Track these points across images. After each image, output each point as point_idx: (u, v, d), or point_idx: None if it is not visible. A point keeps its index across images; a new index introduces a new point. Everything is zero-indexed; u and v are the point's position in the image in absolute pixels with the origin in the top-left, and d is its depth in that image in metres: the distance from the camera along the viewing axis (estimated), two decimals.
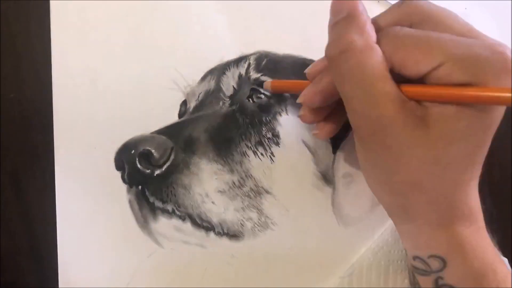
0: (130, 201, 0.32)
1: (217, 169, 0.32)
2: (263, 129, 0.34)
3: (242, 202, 0.33)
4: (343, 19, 0.23)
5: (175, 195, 0.32)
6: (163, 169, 0.32)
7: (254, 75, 0.34)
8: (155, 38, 0.34)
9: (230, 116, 0.34)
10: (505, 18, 0.38)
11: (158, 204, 0.32)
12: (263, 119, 0.34)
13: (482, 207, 0.26)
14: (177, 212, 0.32)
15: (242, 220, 0.33)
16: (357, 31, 0.23)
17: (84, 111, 0.33)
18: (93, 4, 0.34)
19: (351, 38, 0.22)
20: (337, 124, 0.30)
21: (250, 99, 0.34)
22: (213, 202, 0.32)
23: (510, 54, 0.21)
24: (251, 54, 0.35)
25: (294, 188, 0.34)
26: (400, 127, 0.22)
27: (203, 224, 0.32)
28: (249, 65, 0.34)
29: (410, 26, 0.24)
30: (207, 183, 0.32)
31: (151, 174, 0.32)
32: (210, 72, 0.34)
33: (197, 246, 0.33)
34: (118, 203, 0.32)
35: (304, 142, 0.34)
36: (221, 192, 0.32)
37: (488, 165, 0.37)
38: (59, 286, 0.32)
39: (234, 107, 0.34)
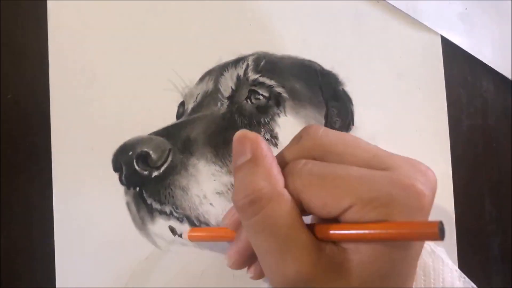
0: (127, 203, 0.32)
1: (215, 170, 0.32)
2: (262, 130, 0.34)
3: None
4: (247, 163, 0.22)
5: (173, 197, 0.32)
6: (161, 170, 0.32)
7: (252, 76, 0.34)
8: (153, 39, 0.34)
9: (228, 118, 0.34)
10: (505, 18, 0.38)
11: (156, 205, 0.32)
12: (262, 120, 0.34)
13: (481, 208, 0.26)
14: (175, 214, 0.32)
15: None
16: (263, 177, 0.21)
17: (82, 112, 0.33)
18: (91, 4, 0.34)
19: (257, 186, 0.21)
20: None
21: (249, 100, 0.34)
22: (211, 204, 0.32)
23: (421, 187, 0.20)
24: (250, 55, 0.35)
25: None
26: (321, 282, 0.20)
27: (201, 225, 0.32)
28: (247, 66, 0.34)
29: (314, 159, 0.23)
30: (205, 185, 0.32)
31: (148, 175, 0.32)
32: (208, 73, 0.34)
33: (195, 248, 0.33)
34: (115, 205, 0.32)
35: None
36: (219, 193, 0.32)
37: (487, 165, 0.38)
38: (56, 283, 0.31)
39: (232, 108, 0.34)
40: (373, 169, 0.21)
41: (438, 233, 0.18)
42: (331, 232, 0.21)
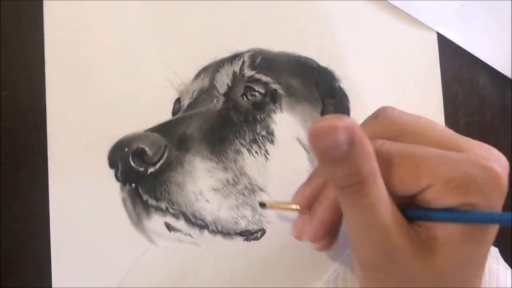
0: (123, 199, 0.32)
1: (211, 167, 0.32)
2: (258, 126, 0.34)
3: (236, 200, 0.33)
4: (347, 154, 0.20)
5: (168, 193, 0.32)
6: (157, 167, 0.32)
7: (248, 72, 0.34)
8: (148, 35, 0.34)
9: (224, 114, 0.34)
10: (502, 14, 0.38)
11: (152, 202, 0.32)
12: (258, 116, 0.34)
13: None
14: (171, 210, 0.32)
15: (236, 218, 0.33)
16: (366, 161, 0.20)
17: (78, 109, 0.33)
18: (86, 2, 0.34)
19: (362, 171, 0.20)
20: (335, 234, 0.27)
21: (244, 97, 0.34)
22: (207, 200, 0.32)
23: (498, 169, 0.21)
24: (246, 52, 0.35)
25: (289, 186, 0.34)
26: (411, 258, 0.21)
27: (197, 222, 0.32)
28: (243, 62, 0.34)
29: (389, 139, 0.23)
30: (201, 181, 0.32)
31: (144, 172, 0.32)
32: (204, 70, 0.34)
33: (191, 244, 0.32)
34: (111, 201, 0.32)
35: (298, 139, 0.34)
36: (215, 190, 0.32)
37: None
38: (52, 284, 0.31)
39: (228, 105, 0.34)
40: (451, 151, 0.22)
41: None
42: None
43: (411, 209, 0.23)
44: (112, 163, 0.32)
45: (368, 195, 0.21)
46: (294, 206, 0.28)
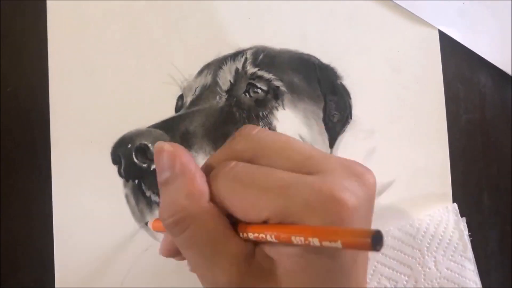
0: (126, 195, 0.32)
1: None
2: (260, 123, 0.34)
3: None
4: (168, 180, 0.21)
5: None
6: None
7: (251, 69, 0.34)
8: (151, 32, 0.34)
9: (226, 111, 0.34)
10: (503, 12, 0.38)
11: (155, 198, 0.32)
12: (260, 113, 0.34)
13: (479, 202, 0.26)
14: None
15: None
16: (185, 193, 0.21)
17: (81, 106, 0.33)
18: (89, 0, 0.34)
19: (180, 205, 0.21)
20: None
21: (247, 94, 0.34)
22: None
23: (342, 195, 0.19)
24: (248, 49, 0.35)
25: None
26: None
27: None
28: (246, 59, 0.34)
29: (248, 161, 0.22)
30: None
31: (147, 168, 0.32)
32: (207, 67, 0.34)
33: None
34: (114, 197, 0.32)
35: (301, 136, 0.34)
36: None
37: (486, 159, 0.38)
38: (56, 279, 0.32)
39: (230, 102, 0.34)
40: (302, 173, 0.20)
41: (370, 244, 0.16)
42: (250, 233, 0.21)
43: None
44: (115, 159, 0.32)
45: (190, 233, 0.21)
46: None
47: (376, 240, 0.16)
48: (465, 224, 0.35)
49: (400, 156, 0.36)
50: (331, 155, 0.22)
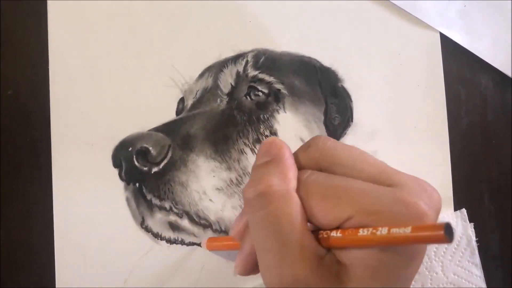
0: (127, 199, 0.32)
1: (214, 166, 0.32)
2: (261, 126, 0.34)
3: (239, 199, 0.33)
4: (266, 163, 0.23)
5: (172, 193, 0.32)
6: (161, 166, 0.32)
7: (252, 72, 0.34)
8: (152, 35, 0.34)
9: (227, 114, 0.34)
10: (504, 15, 0.38)
11: (156, 201, 0.32)
12: (261, 116, 0.34)
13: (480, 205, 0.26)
14: (175, 210, 0.32)
15: None
16: (279, 175, 0.22)
17: (81, 109, 0.33)
18: (90, 1, 0.34)
19: (271, 181, 0.21)
20: None
21: (248, 97, 0.34)
22: (210, 200, 0.32)
23: (424, 206, 0.20)
24: (249, 51, 0.35)
25: None
26: None
27: (200, 221, 0.32)
28: (247, 62, 0.34)
29: (320, 170, 0.23)
30: (205, 181, 0.32)
31: (148, 171, 0.32)
32: (208, 69, 0.34)
33: (194, 244, 0.33)
34: (115, 201, 0.32)
35: (302, 139, 0.34)
36: (219, 189, 0.32)
37: (486, 161, 0.38)
38: (56, 284, 0.31)
39: (231, 105, 0.34)
40: (378, 185, 0.21)
41: (444, 236, 0.17)
42: (332, 234, 0.21)
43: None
44: (116, 162, 0.32)
45: (272, 210, 0.21)
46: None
47: (448, 232, 0.17)
48: (473, 229, 0.35)
49: (401, 158, 0.36)
50: (401, 172, 0.22)
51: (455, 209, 0.36)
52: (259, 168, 0.23)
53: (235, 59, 0.34)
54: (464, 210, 0.36)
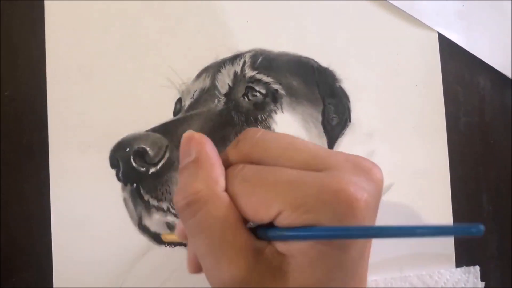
0: (124, 199, 0.32)
1: None
2: (259, 127, 0.34)
3: None
4: (190, 164, 0.22)
5: (170, 193, 0.32)
6: (158, 167, 0.32)
7: (249, 73, 0.34)
8: (150, 35, 0.34)
9: (225, 114, 0.34)
10: (502, 15, 0.38)
11: (153, 202, 0.32)
12: (259, 117, 0.34)
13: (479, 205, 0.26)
14: (172, 210, 0.32)
15: None
16: (204, 178, 0.21)
17: (79, 109, 0.33)
18: (87, 2, 0.34)
19: (195, 187, 0.21)
20: None
21: (246, 97, 0.34)
22: None
23: (353, 190, 0.19)
24: (247, 52, 0.35)
25: None
26: (257, 285, 0.20)
27: None
28: (244, 63, 0.34)
29: (252, 163, 0.22)
30: None
31: (146, 172, 0.32)
32: (205, 70, 0.34)
33: None
34: (112, 201, 0.32)
35: None
36: None
37: (484, 162, 0.38)
38: (54, 284, 0.31)
39: (229, 105, 0.34)
40: (309, 171, 0.20)
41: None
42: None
43: (263, 228, 0.21)
44: (114, 163, 0.32)
45: (201, 216, 0.21)
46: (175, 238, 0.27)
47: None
48: None
49: (399, 159, 0.36)
50: (336, 151, 0.22)
51: (453, 208, 0.36)
52: (183, 171, 0.22)
53: (233, 59, 0.34)
54: (477, 267, 0.35)
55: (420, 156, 0.36)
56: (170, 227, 0.32)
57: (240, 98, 0.34)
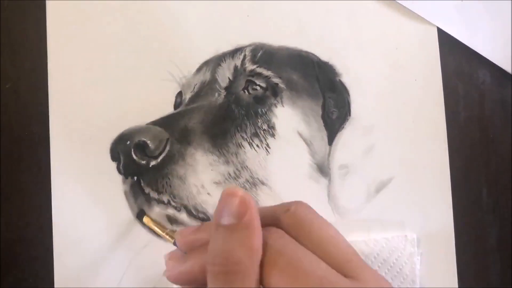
0: (125, 192, 0.32)
1: (212, 160, 0.32)
2: (259, 120, 0.34)
3: None
4: (231, 227, 0.21)
5: (170, 186, 0.32)
6: (159, 160, 0.32)
7: (249, 66, 0.34)
8: (150, 29, 0.34)
9: (225, 108, 0.34)
10: (502, 9, 0.38)
11: (154, 195, 0.32)
12: (259, 110, 0.34)
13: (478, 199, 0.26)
14: (173, 203, 0.32)
15: None
16: (246, 247, 0.21)
17: (80, 102, 0.33)
18: None
19: (238, 258, 0.21)
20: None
21: (246, 91, 0.34)
22: (208, 193, 0.32)
23: None
24: (247, 46, 0.35)
25: (290, 180, 0.34)
26: None
27: (198, 215, 0.32)
28: (244, 56, 0.34)
29: (293, 235, 0.23)
30: (203, 174, 0.32)
31: (146, 165, 0.32)
32: (206, 64, 0.34)
33: None
34: (113, 194, 0.32)
35: (299, 133, 0.34)
36: (217, 183, 0.32)
37: (484, 156, 0.38)
38: (55, 274, 0.32)
39: (229, 99, 0.34)
40: (340, 275, 0.21)
41: None
42: None
43: None
44: (114, 156, 0.32)
45: (238, 281, 0.21)
46: (169, 238, 0.29)
47: None
48: (419, 257, 0.35)
49: (399, 153, 0.36)
50: (367, 266, 0.23)
51: (453, 202, 0.36)
52: (223, 231, 0.22)
53: (233, 53, 0.34)
54: (415, 236, 0.35)
55: (419, 150, 0.36)
56: (171, 220, 0.32)
57: (240, 92, 0.34)
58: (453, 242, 0.36)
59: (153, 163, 0.32)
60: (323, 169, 0.35)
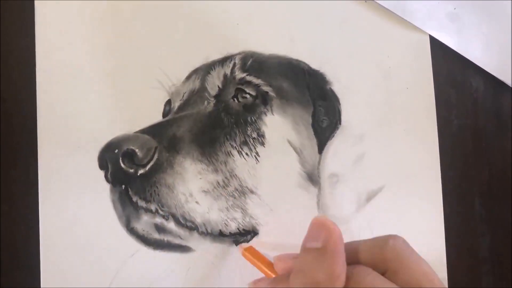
0: (113, 201, 0.32)
1: (201, 168, 0.32)
2: (248, 129, 0.34)
3: (226, 202, 0.33)
4: (316, 250, 0.23)
5: (158, 195, 0.32)
6: (147, 168, 0.31)
7: (239, 75, 0.34)
8: (139, 36, 0.34)
9: (215, 116, 0.34)
10: (494, 17, 0.38)
11: (141, 203, 0.32)
12: (248, 119, 0.34)
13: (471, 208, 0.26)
14: (161, 212, 0.32)
15: (226, 220, 0.33)
16: (327, 270, 0.22)
17: (68, 111, 0.33)
18: (77, 3, 0.34)
19: (317, 277, 0.22)
20: None
21: (235, 99, 0.34)
22: (197, 202, 0.32)
23: None
24: (237, 54, 0.35)
25: (279, 188, 0.34)
26: None
27: (186, 224, 0.32)
28: (234, 64, 0.34)
29: (385, 270, 0.23)
30: (191, 183, 0.32)
31: (134, 173, 0.31)
32: (195, 72, 0.34)
33: (180, 246, 0.32)
34: (101, 203, 0.32)
35: (289, 142, 0.34)
36: (205, 192, 0.32)
37: (476, 165, 0.37)
38: (41, 284, 0.31)
39: (219, 107, 0.34)
40: None
41: None
42: None
43: None
44: (102, 164, 0.32)
45: None
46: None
47: None
48: None
49: (390, 161, 0.36)
50: None
51: (445, 212, 0.36)
52: (307, 253, 0.23)
53: (223, 61, 0.34)
54: None
55: (411, 159, 0.36)
56: (159, 228, 0.32)
57: (230, 100, 0.34)
58: (444, 251, 0.36)
59: (141, 171, 0.32)
60: (313, 178, 0.34)
